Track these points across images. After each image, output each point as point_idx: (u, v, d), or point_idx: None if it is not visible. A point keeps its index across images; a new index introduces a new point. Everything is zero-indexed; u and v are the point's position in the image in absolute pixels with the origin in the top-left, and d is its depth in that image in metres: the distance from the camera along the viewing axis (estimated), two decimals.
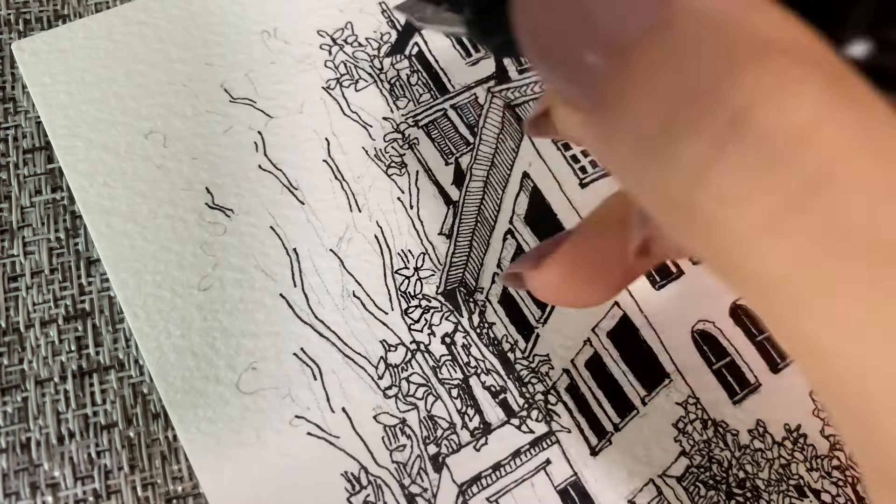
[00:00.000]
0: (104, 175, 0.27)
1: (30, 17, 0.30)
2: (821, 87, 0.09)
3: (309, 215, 0.27)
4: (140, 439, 0.24)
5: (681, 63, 0.10)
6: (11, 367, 0.25)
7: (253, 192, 0.27)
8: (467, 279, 0.27)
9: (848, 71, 0.10)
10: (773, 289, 0.10)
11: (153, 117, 0.28)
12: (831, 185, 0.09)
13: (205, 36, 0.29)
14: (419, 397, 0.25)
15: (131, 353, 0.25)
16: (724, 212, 0.10)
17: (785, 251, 0.09)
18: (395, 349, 0.26)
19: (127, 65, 0.29)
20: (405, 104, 0.30)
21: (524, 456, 0.25)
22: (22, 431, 0.24)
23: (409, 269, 0.27)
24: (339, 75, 0.30)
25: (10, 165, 0.27)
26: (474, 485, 0.25)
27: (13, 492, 0.23)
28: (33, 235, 0.26)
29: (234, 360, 0.25)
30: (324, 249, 0.27)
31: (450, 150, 0.29)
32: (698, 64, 0.10)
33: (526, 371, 0.26)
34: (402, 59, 0.30)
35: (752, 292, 0.10)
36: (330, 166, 0.28)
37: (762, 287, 0.10)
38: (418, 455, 0.25)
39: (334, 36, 0.30)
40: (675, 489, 0.25)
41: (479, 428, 0.25)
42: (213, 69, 0.29)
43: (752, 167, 0.09)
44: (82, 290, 0.26)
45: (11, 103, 0.28)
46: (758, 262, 0.10)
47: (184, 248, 0.26)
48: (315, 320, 0.26)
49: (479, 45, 0.18)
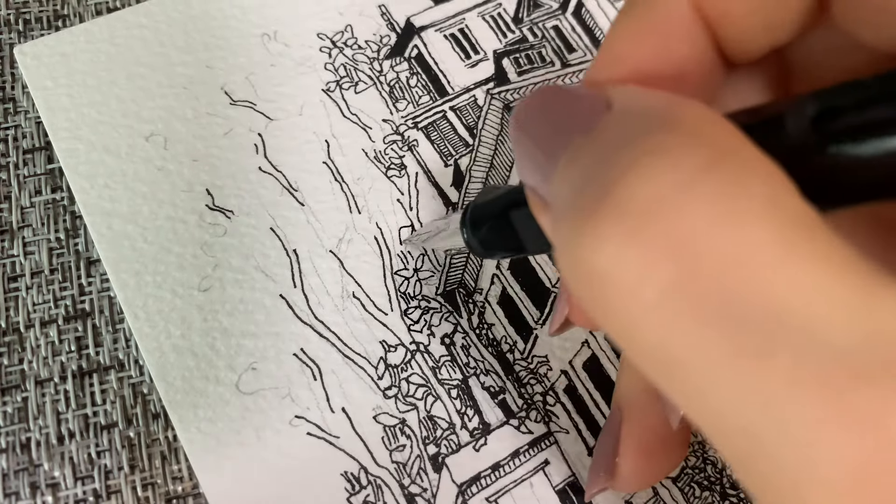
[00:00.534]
0: (105, 177, 0.27)
1: (30, 18, 0.30)
2: (701, 163, 0.09)
3: (309, 217, 0.27)
4: (140, 439, 0.24)
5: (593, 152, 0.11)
6: (11, 367, 0.25)
7: (253, 194, 0.27)
8: (466, 280, 0.27)
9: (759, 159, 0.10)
10: (658, 361, 0.10)
11: (154, 120, 0.28)
12: (690, 256, 0.09)
13: (205, 39, 0.30)
14: (419, 398, 0.25)
15: (131, 354, 0.25)
16: (607, 282, 0.10)
17: (656, 318, 0.09)
18: (394, 350, 0.26)
19: (128, 68, 0.29)
20: (405, 106, 0.30)
21: (523, 456, 0.25)
22: (22, 431, 0.24)
23: (408, 271, 0.27)
24: (338, 78, 0.30)
25: (10, 165, 0.27)
26: (474, 485, 0.25)
27: (13, 492, 0.23)
28: (33, 236, 0.26)
29: (234, 360, 0.25)
30: (324, 250, 0.27)
31: (449, 151, 0.29)
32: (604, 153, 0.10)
33: (525, 372, 0.26)
34: (402, 62, 0.31)
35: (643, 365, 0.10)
36: (330, 168, 0.28)
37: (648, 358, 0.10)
38: (418, 455, 0.25)
39: (334, 39, 0.31)
40: (671, 490, 0.25)
41: (478, 428, 0.25)
42: (213, 72, 0.29)
43: (618, 237, 0.09)
44: (82, 290, 0.26)
45: (11, 103, 0.28)
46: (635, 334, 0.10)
47: (184, 250, 0.26)
48: (315, 321, 0.26)
49: (479, 257, 0.22)
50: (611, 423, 0.22)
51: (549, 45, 0.32)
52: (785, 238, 0.09)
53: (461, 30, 0.31)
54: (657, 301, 0.09)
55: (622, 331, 0.10)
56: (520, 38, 0.32)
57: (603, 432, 0.22)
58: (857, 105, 0.10)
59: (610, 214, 0.09)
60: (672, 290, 0.09)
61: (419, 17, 0.31)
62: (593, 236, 0.10)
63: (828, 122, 0.11)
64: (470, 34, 0.31)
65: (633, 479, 0.21)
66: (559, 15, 0.32)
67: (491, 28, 0.32)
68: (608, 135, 0.11)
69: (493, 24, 0.32)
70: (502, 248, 0.20)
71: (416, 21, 0.31)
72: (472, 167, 0.29)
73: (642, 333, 0.10)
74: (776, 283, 0.09)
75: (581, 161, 0.11)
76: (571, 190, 0.11)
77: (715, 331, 0.09)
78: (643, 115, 0.11)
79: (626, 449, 0.21)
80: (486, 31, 0.32)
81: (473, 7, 0.32)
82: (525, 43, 0.32)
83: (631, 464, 0.21)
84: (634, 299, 0.09)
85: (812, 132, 0.11)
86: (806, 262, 0.09)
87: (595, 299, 0.10)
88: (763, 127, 0.11)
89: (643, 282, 0.09)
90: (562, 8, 0.33)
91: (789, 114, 0.11)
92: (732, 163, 0.09)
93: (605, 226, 0.10)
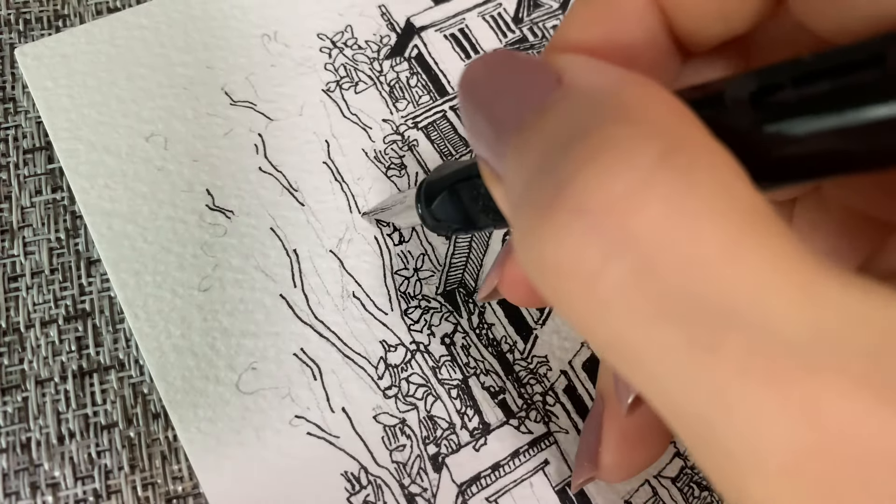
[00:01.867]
0: (105, 177, 0.27)
1: (30, 18, 0.30)
2: (654, 159, 0.09)
3: (309, 217, 0.27)
4: (140, 439, 0.24)
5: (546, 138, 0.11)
6: (11, 367, 0.25)
7: (253, 194, 0.27)
8: (467, 280, 0.27)
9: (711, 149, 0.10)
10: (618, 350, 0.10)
11: (154, 120, 0.28)
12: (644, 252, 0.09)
13: (205, 40, 0.30)
14: (419, 397, 0.25)
15: (131, 353, 0.25)
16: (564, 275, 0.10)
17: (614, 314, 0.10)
18: (394, 349, 0.26)
19: (128, 68, 0.29)
20: (405, 106, 0.30)
21: (523, 456, 0.25)
22: (22, 431, 0.24)
23: (408, 270, 0.27)
24: (338, 78, 0.30)
25: (10, 165, 0.27)
26: (474, 485, 0.25)
27: (13, 492, 0.23)
28: (33, 235, 0.26)
29: (235, 360, 0.25)
30: (324, 250, 0.27)
31: (449, 151, 0.29)
32: (557, 140, 0.11)
33: (525, 372, 0.26)
34: (402, 62, 0.31)
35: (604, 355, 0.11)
36: (330, 168, 0.28)
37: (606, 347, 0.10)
38: (418, 455, 0.25)
39: (334, 39, 0.31)
40: (670, 490, 0.25)
41: (478, 428, 0.25)
42: (213, 72, 0.29)
43: (575, 232, 0.10)
44: (82, 290, 0.26)
45: (11, 103, 0.28)
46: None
47: (184, 249, 0.26)
48: (315, 321, 0.26)
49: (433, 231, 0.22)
50: (593, 413, 0.22)
51: None
52: (734, 232, 0.09)
53: (461, 30, 0.31)
54: (613, 294, 0.10)
55: (580, 321, 0.10)
56: (520, 37, 0.32)
57: (586, 424, 0.22)
58: (794, 82, 0.10)
59: (566, 211, 0.10)
60: (627, 284, 0.09)
61: (419, 18, 0.31)
62: (550, 231, 0.10)
63: (765, 99, 0.11)
64: (470, 34, 0.31)
65: (617, 469, 0.21)
66: (559, 15, 0.32)
67: (491, 28, 0.32)
68: (559, 119, 0.11)
69: (493, 24, 0.32)
70: (453, 222, 0.20)
71: (417, 21, 0.31)
72: None
73: (599, 324, 0.10)
74: (725, 278, 0.09)
75: (533, 147, 0.11)
76: (525, 176, 0.11)
77: (668, 323, 0.09)
78: (593, 96, 0.11)
79: (608, 439, 0.21)
80: (486, 31, 0.32)
81: (473, 7, 0.32)
82: (525, 43, 0.32)
83: (614, 454, 0.21)
84: (591, 292, 0.10)
85: (750, 109, 0.11)
86: (754, 257, 0.09)
87: (553, 290, 0.10)
88: (706, 104, 0.12)
89: (599, 276, 0.10)
90: (562, 8, 0.33)
91: (729, 90, 0.11)
92: (684, 154, 0.10)
93: (561, 221, 0.10)
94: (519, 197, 0.11)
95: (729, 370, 0.09)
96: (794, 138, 0.10)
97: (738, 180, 0.10)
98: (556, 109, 0.11)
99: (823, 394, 0.08)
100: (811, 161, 0.11)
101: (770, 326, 0.09)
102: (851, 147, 0.10)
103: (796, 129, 0.10)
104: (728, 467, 0.09)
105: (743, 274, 0.09)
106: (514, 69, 0.13)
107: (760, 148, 0.11)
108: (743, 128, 0.11)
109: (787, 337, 0.09)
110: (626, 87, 0.11)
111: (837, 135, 0.10)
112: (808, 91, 0.10)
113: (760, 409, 0.09)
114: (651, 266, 0.09)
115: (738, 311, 0.09)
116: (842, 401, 0.08)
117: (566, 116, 0.11)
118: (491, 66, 0.13)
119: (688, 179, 0.09)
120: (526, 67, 0.13)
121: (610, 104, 0.10)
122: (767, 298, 0.09)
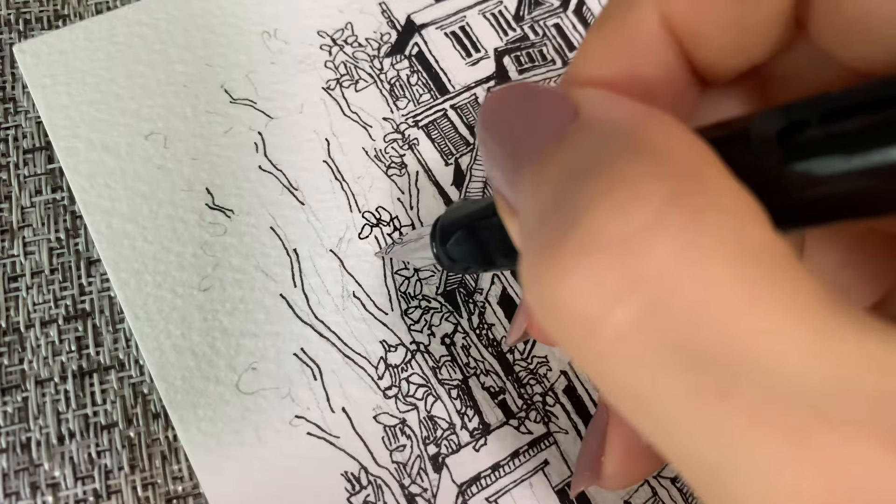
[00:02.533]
0: (105, 176, 0.27)
1: (30, 17, 0.30)
2: (666, 198, 0.09)
3: (309, 216, 0.27)
4: (140, 439, 0.24)
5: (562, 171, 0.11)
6: (11, 367, 0.25)
7: (253, 193, 0.27)
8: (467, 280, 0.27)
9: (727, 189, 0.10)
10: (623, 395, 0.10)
11: (153, 118, 0.28)
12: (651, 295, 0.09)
13: (205, 37, 0.30)
14: (419, 398, 0.25)
15: (131, 353, 0.25)
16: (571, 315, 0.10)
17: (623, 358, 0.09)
18: (394, 349, 0.26)
19: (127, 66, 0.29)
20: (405, 104, 0.30)
21: (523, 457, 0.25)
22: (22, 431, 0.24)
23: (408, 270, 0.27)
24: (339, 76, 0.30)
25: (10, 165, 0.27)
26: (474, 485, 0.25)
27: (13, 492, 0.23)
28: (33, 235, 0.26)
29: (235, 360, 0.25)
30: (324, 250, 0.27)
31: (450, 150, 0.29)
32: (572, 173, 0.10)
33: (525, 372, 0.26)
34: (402, 60, 0.31)
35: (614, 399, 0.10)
36: (330, 167, 0.28)
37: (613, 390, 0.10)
38: (418, 455, 0.25)
39: (334, 36, 0.30)
40: (670, 490, 0.25)
41: (478, 428, 0.25)
42: (213, 70, 0.29)
43: (582, 272, 0.09)
44: (82, 290, 0.26)
45: (11, 103, 0.28)
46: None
47: (184, 249, 0.26)
48: (315, 320, 0.26)
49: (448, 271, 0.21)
50: (597, 421, 0.22)
51: (550, 43, 0.32)
52: (748, 277, 0.09)
53: (462, 28, 0.31)
54: (619, 338, 0.09)
55: (586, 363, 0.10)
56: (521, 35, 0.32)
57: (588, 431, 0.22)
58: (822, 118, 0.10)
59: (574, 249, 0.09)
60: (635, 327, 0.09)
61: (420, 15, 0.31)
62: (557, 269, 0.10)
63: (793, 137, 0.10)
64: (471, 32, 0.31)
65: (618, 479, 0.21)
66: (560, 13, 0.32)
67: (492, 26, 0.31)
68: (575, 152, 0.11)
69: (493, 21, 0.32)
70: (469, 261, 0.20)
71: (417, 19, 0.31)
72: (473, 166, 0.29)
73: (605, 367, 0.10)
74: (738, 325, 0.09)
75: (547, 180, 0.11)
76: (539, 210, 0.11)
77: (677, 369, 0.09)
78: (609, 130, 0.11)
79: (612, 449, 0.21)
80: (486, 28, 0.31)
81: (474, 5, 0.32)
82: (526, 41, 0.31)
83: (616, 464, 0.21)
84: (597, 334, 0.09)
85: (777, 147, 0.10)
86: (768, 303, 0.09)
87: (559, 330, 0.10)
88: (730, 141, 0.11)
89: (606, 318, 0.09)
90: (563, 6, 0.32)
91: (755, 127, 0.11)
92: (699, 194, 0.09)
93: (569, 260, 0.09)
94: (530, 232, 0.11)
95: (740, 419, 0.09)
96: (823, 178, 0.10)
97: (754, 222, 0.09)
98: (571, 142, 0.11)
99: (839, 446, 0.08)
100: (839, 202, 0.10)
101: (784, 375, 0.09)
102: (883, 187, 0.10)
103: (825, 169, 0.10)
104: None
105: (757, 320, 0.09)
106: (533, 101, 0.13)
107: (786, 188, 0.10)
108: (769, 166, 0.10)
109: (803, 387, 0.08)
110: (644, 123, 0.11)
111: (868, 174, 0.10)
112: (837, 128, 0.10)
113: (773, 461, 0.08)
114: (659, 309, 0.09)
115: (750, 359, 0.09)
116: (858, 454, 0.08)
117: (581, 150, 0.11)
118: (510, 97, 0.13)
119: (700, 220, 0.09)
120: (545, 99, 0.12)
121: (626, 139, 0.10)
122: (783, 347, 0.09)
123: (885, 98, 0.09)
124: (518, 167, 0.12)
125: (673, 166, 0.10)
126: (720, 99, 0.15)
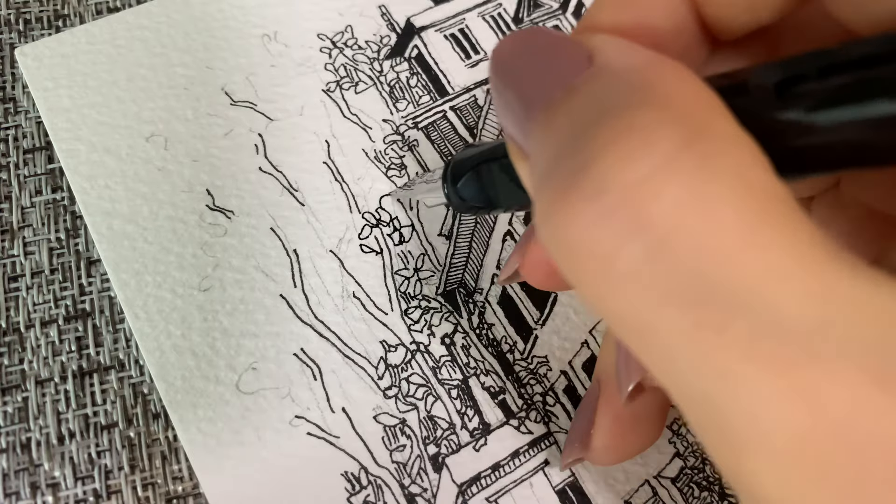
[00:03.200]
0: (106, 177, 0.27)
1: (30, 17, 0.30)
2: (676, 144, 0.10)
3: (309, 217, 0.27)
4: (140, 439, 0.24)
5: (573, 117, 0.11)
6: (12, 367, 0.25)
7: (253, 194, 0.27)
8: (467, 280, 0.27)
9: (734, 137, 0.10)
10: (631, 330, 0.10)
11: (154, 120, 0.28)
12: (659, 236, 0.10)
13: (206, 40, 0.30)
14: (419, 398, 0.25)
15: (131, 354, 0.25)
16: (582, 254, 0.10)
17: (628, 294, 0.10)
18: (394, 349, 0.26)
19: (129, 69, 0.29)
20: (405, 106, 0.30)
21: (523, 456, 0.25)
22: (22, 431, 0.24)
23: (408, 270, 0.27)
24: (338, 78, 0.30)
25: (10, 165, 0.27)
26: (474, 485, 0.25)
27: (13, 492, 0.23)
28: (34, 236, 0.26)
29: (235, 360, 0.25)
30: (324, 250, 0.27)
31: (450, 151, 0.29)
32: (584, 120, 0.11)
33: (525, 372, 0.26)
34: (402, 62, 0.31)
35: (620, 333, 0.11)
36: (330, 168, 0.28)
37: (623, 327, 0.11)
38: (418, 455, 0.25)
39: (334, 39, 0.31)
40: (670, 490, 0.25)
41: (478, 428, 0.25)
42: (213, 73, 0.29)
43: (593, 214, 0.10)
44: (82, 290, 0.26)
45: (11, 103, 0.28)
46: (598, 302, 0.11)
47: (184, 250, 0.26)
48: (315, 321, 0.26)
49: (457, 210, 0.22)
50: (589, 396, 0.22)
51: None
52: (750, 218, 0.09)
53: (461, 30, 0.31)
54: (627, 274, 0.10)
55: (595, 298, 0.11)
56: None
57: (580, 405, 0.22)
58: (819, 72, 0.10)
59: (586, 192, 0.10)
60: (641, 265, 0.10)
61: (419, 18, 0.31)
62: (570, 211, 0.10)
63: (790, 89, 0.11)
64: (470, 34, 0.31)
65: (607, 453, 0.21)
66: (559, 15, 0.32)
67: (491, 28, 0.32)
68: (587, 98, 0.11)
69: (493, 24, 0.32)
70: (478, 202, 0.20)
71: (417, 21, 0.31)
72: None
73: (613, 302, 0.10)
74: (738, 263, 0.09)
75: (560, 124, 0.11)
76: (550, 155, 0.11)
77: (681, 304, 0.09)
78: (622, 77, 0.11)
79: (601, 422, 0.21)
80: (486, 31, 0.32)
81: (473, 7, 0.32)
82: None
83: (605, 437, 0.21)
84: (606, 271, 0.10)
85: (774, 98, 0.11)
86: (767, 243, 0.09)
87: (570, 267, 0.11)
88: (731, 91, 0.12)
89: (615, 256, 0.10)
90: (562, 8, 0.33)
91: (754, 79, 0.11)
92: (706, 140, 0.10)
93: (581, 203, 0.10)
94: (542, 176, 0.11)
95: (734, 352, 0.09)
96: (817, 128, 0.11)
97: (758, 168, 0.10)
98: (584, 89, 0.11)
99: (824, 380, 0.09)
100: (833, 152, 0.11)
101: (777, 312, 0.09)
102: (874, 139, 0.10)
103: (819, 120, 0.10)
104: (730, 446, 0.10)
105: (754, 259, 0.09)
106: (546, 46, 0.13)
107: (783, 137, 0.11)
108: (767, 117, 0.11)
109: (793, 323, 0.09)
110: (656, 71, 0.11)
111: (860, 126, 0.10)
112: (832, 82, 0.10)
113: (763, 392, 0.09)
114: (665, 248, 0.09)
115: (746, 295, 0.09)
116: (842, 387, 0.09)
117: (594, 97, 0.11)
118: (523, 42, 0.13)
119: (708, 165, 0.09)
120: (558, 45, 0.13)
121: (638, 87, 0.11)
122: (777, 284, 0.09)
123: (878, 54, 0.10)
124: (530, 112, 0.12)
125: (683, 114, 0.10)
126: (728, 59, 0.16)
